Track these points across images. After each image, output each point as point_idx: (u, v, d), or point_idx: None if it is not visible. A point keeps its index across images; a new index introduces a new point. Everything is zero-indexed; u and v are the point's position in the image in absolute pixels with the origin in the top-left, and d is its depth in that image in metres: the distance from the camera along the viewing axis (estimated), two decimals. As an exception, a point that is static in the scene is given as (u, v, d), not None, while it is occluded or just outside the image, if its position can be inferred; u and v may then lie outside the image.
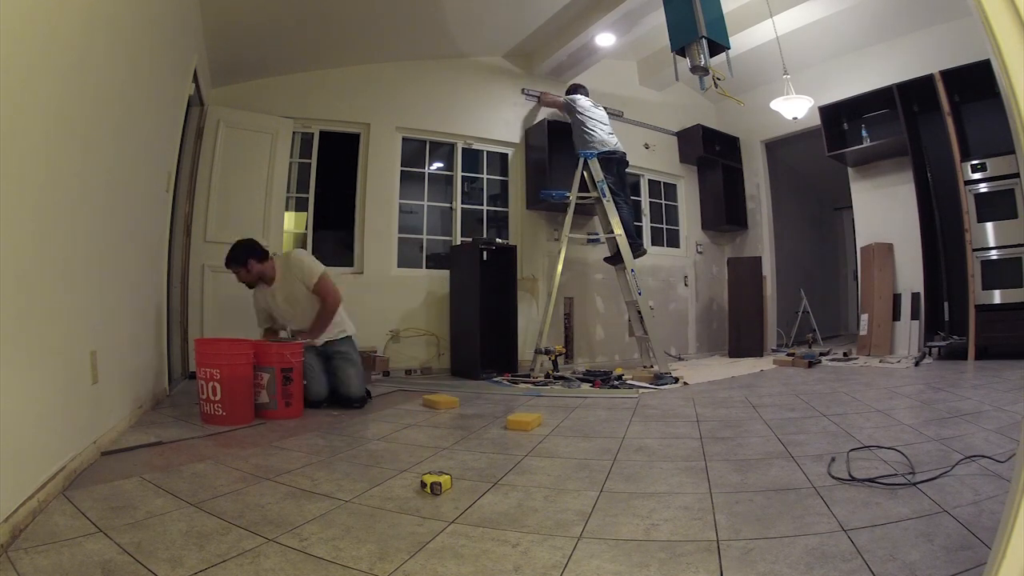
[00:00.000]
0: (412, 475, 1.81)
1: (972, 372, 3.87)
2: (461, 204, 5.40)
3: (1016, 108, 0.79)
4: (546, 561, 1.18)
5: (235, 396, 2.58)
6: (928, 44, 5.07)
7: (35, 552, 1.18)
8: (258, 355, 2.74)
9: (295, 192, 4.75)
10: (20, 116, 1.31)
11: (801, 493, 1.55)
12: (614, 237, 4.84)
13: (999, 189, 4.38)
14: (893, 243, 5.39)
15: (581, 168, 4.95)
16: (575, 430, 2.52)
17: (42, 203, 1.48)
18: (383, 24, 4.49)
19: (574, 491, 1.65)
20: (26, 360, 1.39)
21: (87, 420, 1.87)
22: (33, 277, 1.43)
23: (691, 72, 3.61)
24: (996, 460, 1.68)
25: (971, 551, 1.11)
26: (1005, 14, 0.79)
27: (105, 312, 2.11)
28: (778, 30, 4.94)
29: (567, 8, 4.77)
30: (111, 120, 2.07)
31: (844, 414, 2.64)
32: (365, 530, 1.35)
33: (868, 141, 5.37)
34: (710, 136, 6.61)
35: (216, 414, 2.54)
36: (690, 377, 4.25)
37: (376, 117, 4.95)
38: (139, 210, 2.65)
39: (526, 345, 4.96)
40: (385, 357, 4.62)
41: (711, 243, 6.98)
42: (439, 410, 3.05)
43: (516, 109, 5.57)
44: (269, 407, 2.74)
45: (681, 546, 1.24)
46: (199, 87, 3.84)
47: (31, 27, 1.34)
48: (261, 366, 2.74)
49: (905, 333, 5.17)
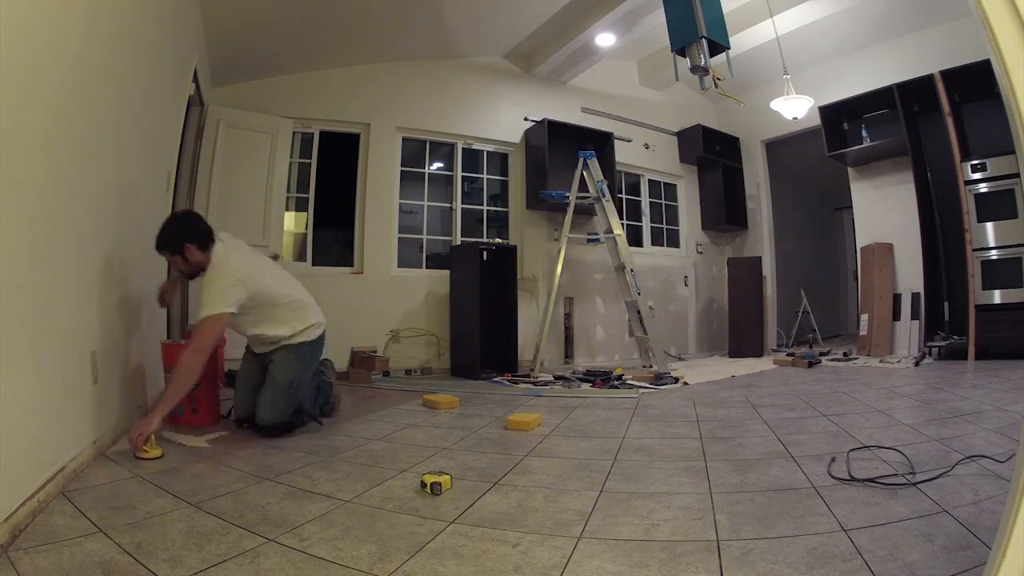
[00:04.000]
0: (412, 475, 1.81)
1: (972, 372, 3.86)
2: (461, 204, 5.41)
3: (1016, 108, 0.79)
4: (546, 561, 1.18)
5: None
6: (928, 44, 5.07)
7: (35, 552, 1.18)
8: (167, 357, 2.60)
9: (295, 192, 4.75)
10: (21, 116, 1.31)
11: (801, 493, 1.55)
12: (614, 237, 4.84)
13: (999, 189, 4.38)
14: (893, 243, 5.39)
15: (580, 168, 4.96)
16: (575, 430, 2.52)
17: (42, 203, 1.48)
18: (383, 24, 4.49)
19: (574, 491, 1.65)
20: (26, 360, 1.39)
21: (87, 420, 1.87)
22: (33, 277, 1.43)
23: (691, 72, 3.61)
24: (996, 460, 1.68)
25: (971, 551, 1.11)
26: (1005, 14, 0.79)
27: (105, 312, 2.11)
28: (778, 30, 4.94)
29: (567, 8, 4.77)
30: (111, 120, 2.07)
31: (844, 414, 2.64)
32: (365, 530, 1.35)
33: (868, 141, 5.37)
34: (710, 136, 6.61)
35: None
36: (690, 377, 4.25)
37: (376, 117, 4.95)
38: (139, 210, 2.65)
39: (526, 345, 4.97)
40: (385, 357, 4.62)
41: (711, 243, 6.99)
42: (439, 410, 3.05)
43: (516, 109, 5.57)
44: (177, 412, 2.41)
45: (681, 546, 1.24)
46: (199, 87, 3.84)
47: (32, 27, 1.34)
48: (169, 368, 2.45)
49: (905, 333, 5.16)
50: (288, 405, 2.40)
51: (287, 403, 2.40)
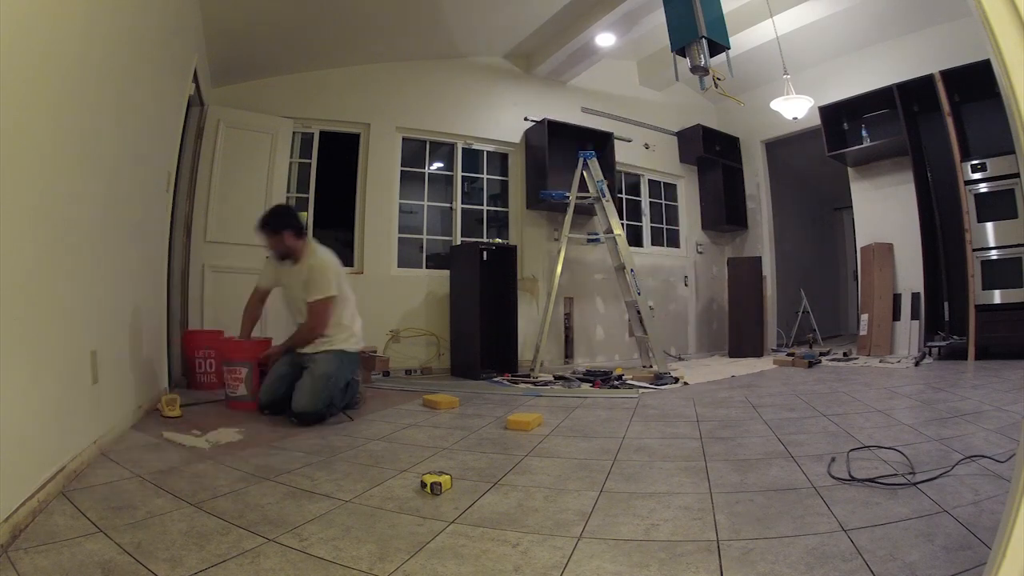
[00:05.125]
0: (412, 475, 1.81)
1: (972, 372, 3.86)
2: (461, 204, 5.41)
3: (1016, 108, 0.79)
4: (546, 561, 1.18)
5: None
6: (928, 44, 5.07)
7: (35, 552, 1.18)
8: (235, 350, 2.97)
9: (295, 192, 4.75)
10: (21, 116, 1.31)
11: (801, 493, 1.55)
12: (614, 237, 4.84)
13: (999, 189, 4.38)
14: (893, 243, 5.39)
15: (580, 168, 4.96)
16: (575, 430, 2.52)
17: (42, 203, 1.48)
18: (383, 24, 4.49)
19: (574, 491, 1.65)
20: (26, 360, 1.39)
21: (87, 420, 1.87)
22: (33, 277, 1.43)
23: (691, 72, 3.61)
24: (996, 460, 1.68)
25: (971, 551, 1.11)
26: (1005, 14, 0.79)
27: (105, 312, 2.11)
28: (778, 30, 4.94)
29: (567, 8, 4.77)
30: (111, 120, 2.07)
31: (844, 414, 2.64)
32: (365, 530, 1.35)
33: (868, 141, 5.37)
34: (710, 136, 6.61)
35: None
36: (690, 377, 4.25)
37: (376, 117, 4.95)
38: (139, 210, 2.65)
39: (526, 345, 4.97)
40: (385, 357, 4.62)
41: (711, 243, 6.99)
42: (439, 410, 3.05)
43: (516, 109, 5.57)
44: (246, 399, 2.89)
45: (681, 546, 1.24)
46: (199, 87, 3.84)
47: (32, 27, 1.34)
48: (238, 361, 2.92)
49: (905, 333, 5.17)
50: (324, 396, 2.66)
51: (324, 394, 2.65)
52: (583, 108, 5.95)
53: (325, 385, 2.66)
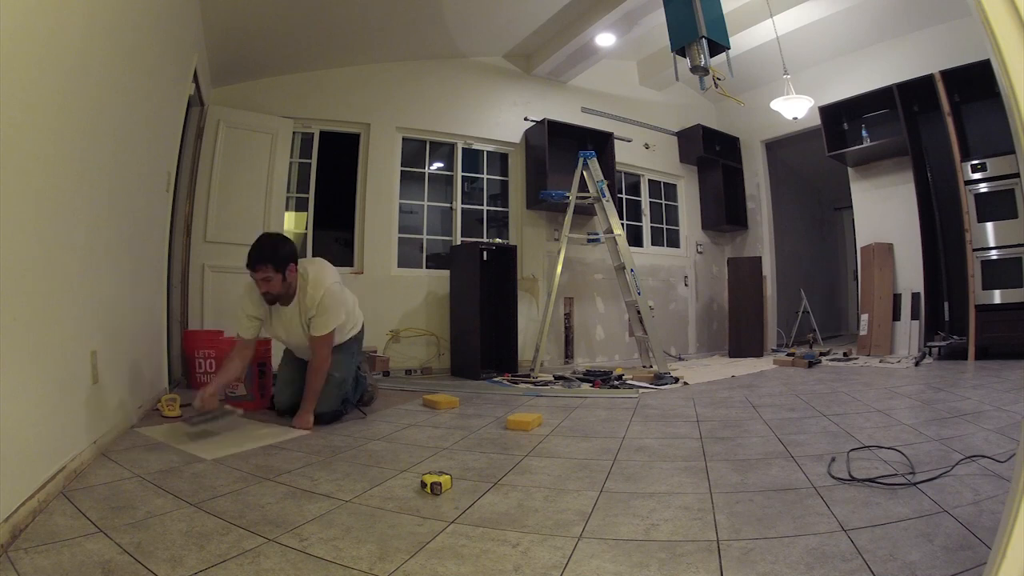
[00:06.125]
0: (412, 475, 1.81)
1: (972, 372, 3.86)
2: (461, 204, 5.41)
3: (1016, 108, 0.79)
4: (546, 561, 1.18)
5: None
6: (928, 44, 5.07)
7: (35, 552, 1.18)
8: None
9: (295, 192, 4.75)
10: (21, 116, 1.31)
11: (801, 493, 1.55)
12: (614, 237, 4.84)
13: (999, 189, 4.38)
14: (893, 243, 5.39)
15: (580, 168, 4.96)
16: (575, 430, 2.52)
17: (43, 203, 1.48)
18: (383, 24, 4.49)
19: (574, 491, 1.65)
20: (26, 360, 1.39)
21: (87, 420, 1.87)
22: (33, 277, 1.43)
23: (691, 72, 3.61)
24: (996, 460, 1.68)
25: (971, 551, 1.11)
26: (1005, 14, 0.79)
27: (105, 312, 2.11)
28: (778, 30, 4.94)
29: (567, 8, 4.77)
30: (111, 120, 2.07)
31: (844, 414, 2.64)
32: (365, 530, 1.35)
33: (868, 141, 5.37)
34: (710, 136, 6.61)
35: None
36: (690, 377, 4.25)
37: (376, 117, 4.95)
38: (139, 210, 2.65)
39: (526, 345, 4.97)
40: (385, 357, 4.62)
41: (711, 243, 6.99)
42: (439, 410, 3.05)
43: (516, 109, 5.57)
44: (247, 399, 2.94)
45: (681, 546, 1.24)
46: (199, 87, 3.84)
47: (32, 27, 1.34)
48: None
49: (905, 333, 5.17)
50: (339, 397, 2.75)
51: (338, 395, 2.74)
52: (583, 108, 5.95)
53: (339, 388, 2.74)
